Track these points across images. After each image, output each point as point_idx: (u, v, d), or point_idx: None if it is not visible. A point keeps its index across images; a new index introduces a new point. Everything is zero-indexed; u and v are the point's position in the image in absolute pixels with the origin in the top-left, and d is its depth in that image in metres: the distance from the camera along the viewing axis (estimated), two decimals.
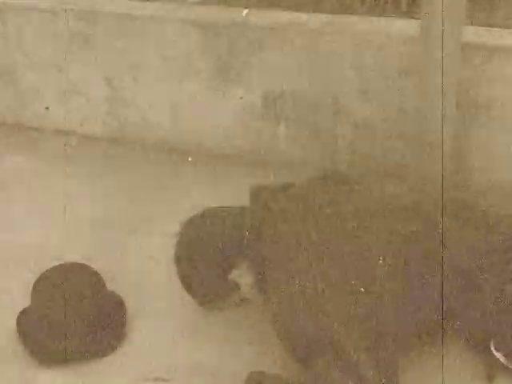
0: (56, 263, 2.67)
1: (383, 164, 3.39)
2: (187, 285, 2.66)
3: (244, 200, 3.38)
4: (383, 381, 2.16)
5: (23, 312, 2.64)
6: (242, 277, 2.65)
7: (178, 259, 2.64)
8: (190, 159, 3.76)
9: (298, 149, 3.60)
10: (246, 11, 3.64)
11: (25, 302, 2.62)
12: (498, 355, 2.41)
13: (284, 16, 3.56)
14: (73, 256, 2.82)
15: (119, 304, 2.69)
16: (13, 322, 2.62)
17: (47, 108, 4.13)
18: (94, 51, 3.91)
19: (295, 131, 3.59)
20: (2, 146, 4.02)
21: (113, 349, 2.57)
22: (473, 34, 3.16)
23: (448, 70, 2.97)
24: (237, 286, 2.72)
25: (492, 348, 2.41)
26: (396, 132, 3.35)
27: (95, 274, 2.65)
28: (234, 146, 3.77)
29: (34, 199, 3.49)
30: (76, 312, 2.51)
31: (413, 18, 3.38)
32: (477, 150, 3.25)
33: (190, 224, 2.64)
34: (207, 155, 3.76)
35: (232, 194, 3.49)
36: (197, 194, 3.46)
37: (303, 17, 3.53)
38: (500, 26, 3.30)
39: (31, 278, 2.62)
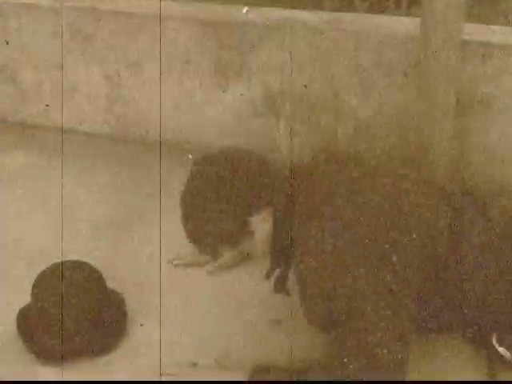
0: (56, 261, 2.66)
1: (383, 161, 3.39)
2: (193, 228, 2.42)
3: None
4: (393, 362, 2.12)
5: (23, 309, 2.64)
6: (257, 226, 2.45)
7: (187, 198, 2.40)
8: (190, 157, 3.75)
9: (298, 146, 3.60)
10: (245, 8, 3.64)
11: (25, 299, 2.62)
12: (500, 349, 2.40)
13: (284, 13, 3.56)
14: (73, 253, 2.82)
15: (120, 302, 2.69)
16: (13, 320, 2.62)
17: (47, 106, 4.14)
18: (93, 49, 3.91)
19: (295, 128, 3.59)
20: (2, 144, 4.02)
21: (113, 346, 2.57)
22: (473, 31, 3.16)
23: (448, 67, 2.97)
24: (251, 233, 2.44)
25: (494, 342, 2.40)
26: (396, 130, 3.35)
27: (95, 271, 2.65)
28: (234, 143, 3.76)
29: (33, 197, 3.49)
30: (76, 309, 2.51)
31: (413, 15, 3.39)
32: (477, 150, 3.25)
33: (205, 161, 2.42)
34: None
35: None
36: None
37: (303, 14, 3.53)
38: (501, 23, 3.30)
39: (31, 276, 2.62)
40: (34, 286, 2.61)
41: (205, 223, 2.37)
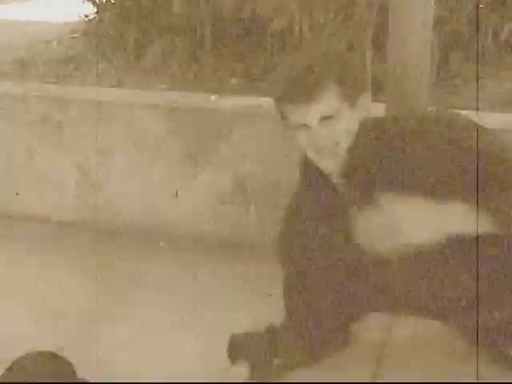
0: (26, 351, 2.62)
1: None
2: None
3: (218, 281, 3.39)
4: None
5: None
6: None
7: None
8: (161, 244, 3.76)
9: (268, 232, 3.61)
10: (214, 96, 3.71)
11: None
12: None
13: (251, 101, 3.63)
14: (44, 345, 2.77)
15: None
16: None
17: (17, 194, 4.13)
18: (64, 137, 3.93)
19: (265, 214, 3.62)
20: None
21: None
22: None
23: None
24: None
25: None
26: None
27: (66, 362, 2.60)
28: (204, 230, 3.78)
29: (4, 288, 3.46)
30: None
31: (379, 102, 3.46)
32: None
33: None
34: (179, 240, 3.76)
35: (204, 276, 3.50)
36: (169, 279, 3.46)
37: (270, 102, 3.58)
38: (463, 108, 3.39)
39: (1, 368, 2.58)
40: (3, 377, 2.56)
41: None
